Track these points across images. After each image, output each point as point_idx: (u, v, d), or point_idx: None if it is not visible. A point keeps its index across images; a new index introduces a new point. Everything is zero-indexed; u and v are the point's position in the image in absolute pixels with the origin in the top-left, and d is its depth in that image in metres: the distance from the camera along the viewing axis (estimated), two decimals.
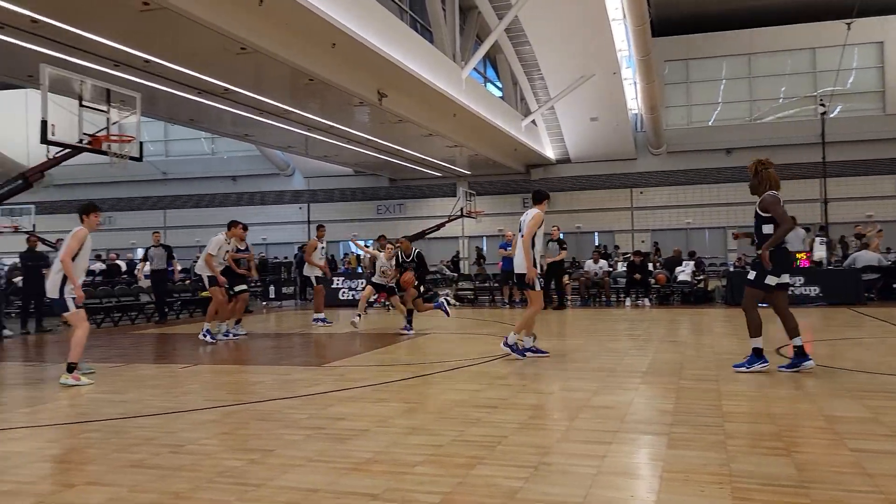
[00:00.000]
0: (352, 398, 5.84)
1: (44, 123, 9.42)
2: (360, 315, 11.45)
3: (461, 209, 23.82)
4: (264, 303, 19.71)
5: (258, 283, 19.07)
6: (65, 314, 7.16)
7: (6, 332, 11.74)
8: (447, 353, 8.64)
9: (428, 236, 24.60)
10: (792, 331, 6.42)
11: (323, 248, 12.96)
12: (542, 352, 7.86)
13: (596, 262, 17.19)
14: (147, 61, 12.41)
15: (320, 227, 13.02)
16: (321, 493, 3.44)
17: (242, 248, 11.14)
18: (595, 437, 4.39)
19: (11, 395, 6.54)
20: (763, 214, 6.42)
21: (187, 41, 11.56)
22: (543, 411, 5.31)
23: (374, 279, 11.79)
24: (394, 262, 11.22)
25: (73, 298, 6.99)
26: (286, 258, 24.61)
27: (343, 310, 16.92)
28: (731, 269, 18.67)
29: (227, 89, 14.62)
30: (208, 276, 10.27)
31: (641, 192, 28.57)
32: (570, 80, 22.86)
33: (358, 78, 14.69)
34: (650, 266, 16.97)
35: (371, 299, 17.79)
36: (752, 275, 6.56)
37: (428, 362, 7.83)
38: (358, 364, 7.86)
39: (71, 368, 6.83)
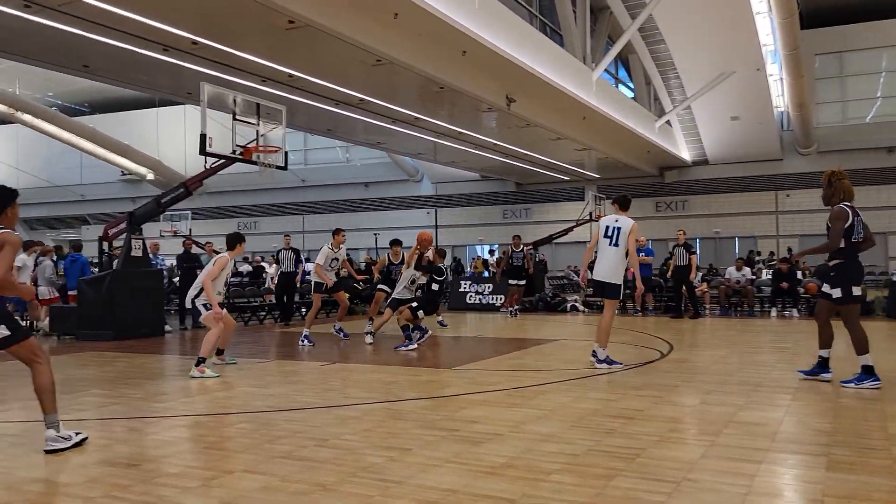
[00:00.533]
0: (484, 402, 5.88)
1: (202, 136, 10.23)
2: (371, 333, 10.54)
3: (590, 213, 23.33)
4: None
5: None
6: (200, 319, 8.05)
7: (167, 327, 12.85)
8: (577, 361, 8.48)
9: (555, 241, 24.32)
10: (824, 343, 6.56)
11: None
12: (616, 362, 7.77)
13: (739, 269, 16.27)
14: (291, 76, 13.16)
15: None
16: (459, 495, 3.48)
17: (397, 262, 11.45)
18: (743, 455, 4.15)
19: (172, 385, 7.15)
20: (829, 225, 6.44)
21: (327, 56, 12.14)
22: (684, 425, 5.09)
23: (397, 294, 10.56)
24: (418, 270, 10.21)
25: (204, 305, 7.79)
26: None
27: (471, 313, 17.09)
28: (894, 278, 17.01)
29: (362, 100, 15.21)
30: (315, 282, 10.67)
31: (788, 195, 26.67)
32: (708, 78, 21.79)
33: (487, 84, 14.80)
34: (799, 274, 15.83)
35: (497, 304, 17.79)
36: (837, 293, 6.37)
37: (558, 369, 7.73)
38: (487, 368, 7.90)
39: (199, 362, 7.51)
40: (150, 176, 31.78)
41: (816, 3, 24.34)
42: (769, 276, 16.49)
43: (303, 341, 10.29)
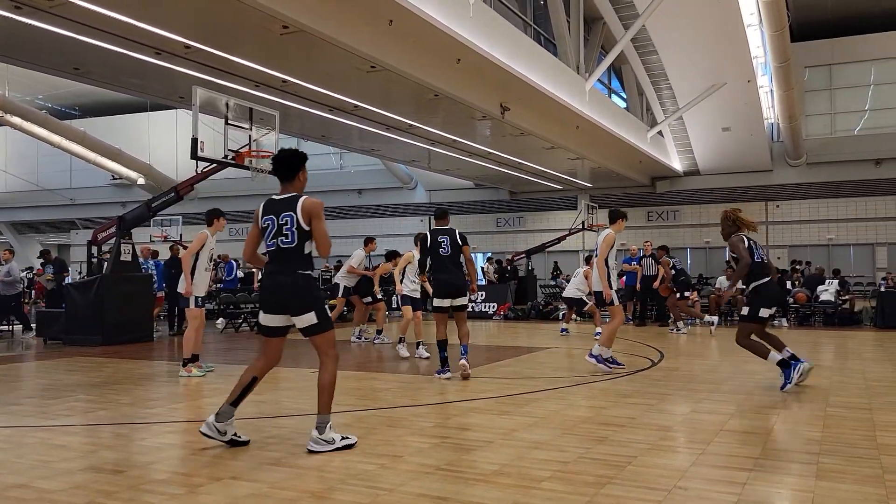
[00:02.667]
0: (475, 409, 5.86)
1: (194, 141, 10.17)
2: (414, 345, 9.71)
3: (582, 222, 23.44)
4: (387, 312, 20.21)
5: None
6: (186, 308, 8.00)
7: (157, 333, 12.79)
8: (568, 369, 8.49)
9: (548, 250, 24.37)
10: (775, 347, 6.87)
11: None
12: (620, 364, 8.20)
13: (729, 278, 16.33)
14: (284, 81, 13.12)
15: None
16: (450, 502, 3.46)
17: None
18: (734, 463, 4.14)
19: (160, 391, 7.09)
20: (734, 255, 7.01)
21: (321, 61, 12.12)
22: (675, 433, 5.08)
23: (408, 292, 9.78)
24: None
25: (197, 298, 7.78)
26: None
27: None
28: (882, 288, 17.12)
29: (356, 106, 15.19)
30: (344, 286, 11.78)
31: (777, 206, 26.86)
32: (700, 90, 21.92)
33: (481, 92, 14.82)
34: (788, 284, 15.91)
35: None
36: (745, 310, 7.00)
37: (550, 377, 7.72)
38: (480, 376, 7.87)
39: (185, 363, 7.73)
40: (141, 180, 31.59)
41: (807, 16, 24.59)
42: None
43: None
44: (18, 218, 36.99)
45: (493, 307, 18.37)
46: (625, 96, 24.70)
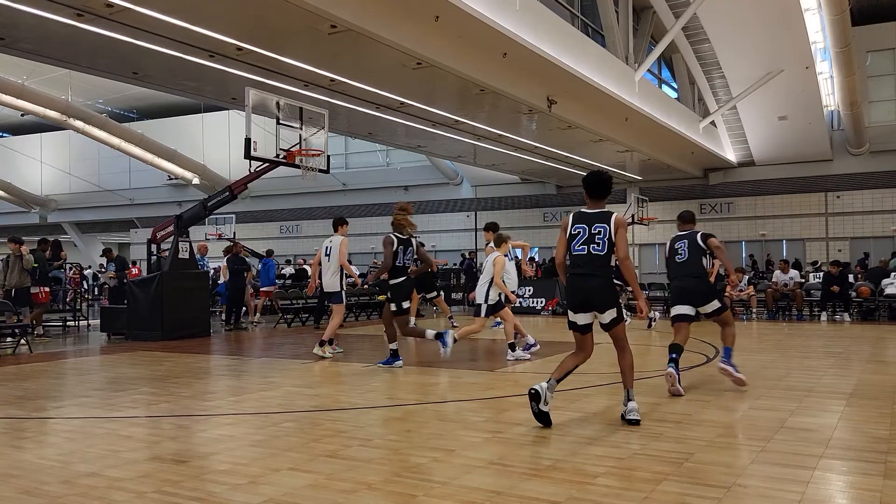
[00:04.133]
0: (527, 404, 5.82)
1: (247, 141, 10.40)
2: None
3: (632, 216, 23.08)
4: (434, 307, 20.34)
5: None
6: (333, 304, 9.46)
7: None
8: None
9: None
10: (391, 336, 8.22)
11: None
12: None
13: (785, 272, 15.87)
14: (332, 80, 13.27)
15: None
16: (504, 497, 3.46)
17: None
18: (795, 461, 4.03)
19: (219, 384, 7.28)
20: None
21: (368, 59, 12.21)
22: (732, 430, 4.97)
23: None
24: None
25: (342, 293, 9.33)
26: (455, 265, 25.24)
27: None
28: None
29: (402, 103, 15.25)
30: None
31: (838, 197, 25.88)
32: (754, 78, 21.26)
33: (528, 86, 14.70)
34: (850, 278, 15.37)
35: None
36: (392, 307, 8.15)
37: (601, 373, 7.64)
38: (530, 371, 7.85)
39: (322, 343, 9.12)
40: (196, 180, 32.44)
41: None
42: (818, 279, 16.06)
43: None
44: (81, 218, 38.43)
45: (542, 302, 18.28)
46: (675, 86, 24.18)
